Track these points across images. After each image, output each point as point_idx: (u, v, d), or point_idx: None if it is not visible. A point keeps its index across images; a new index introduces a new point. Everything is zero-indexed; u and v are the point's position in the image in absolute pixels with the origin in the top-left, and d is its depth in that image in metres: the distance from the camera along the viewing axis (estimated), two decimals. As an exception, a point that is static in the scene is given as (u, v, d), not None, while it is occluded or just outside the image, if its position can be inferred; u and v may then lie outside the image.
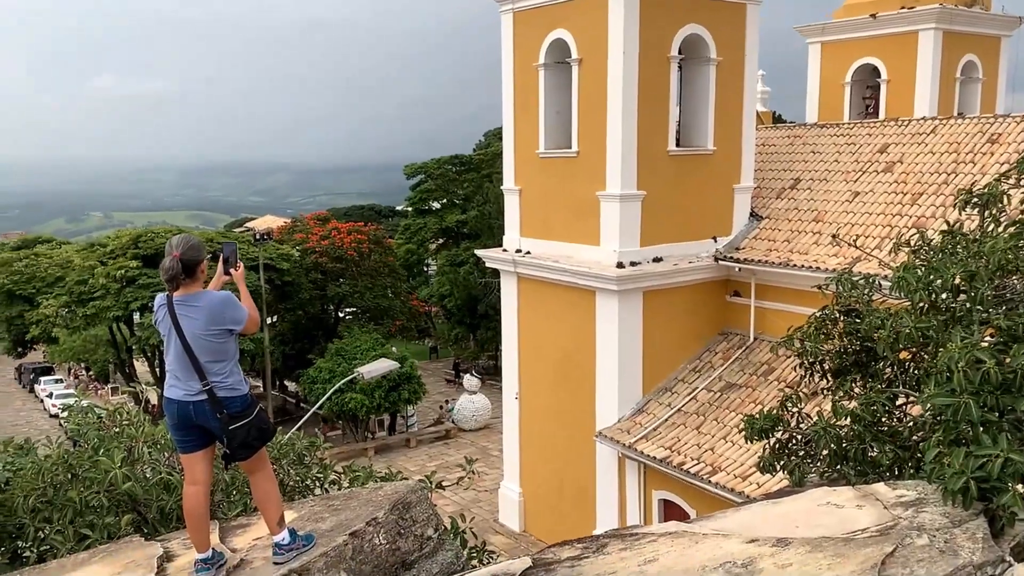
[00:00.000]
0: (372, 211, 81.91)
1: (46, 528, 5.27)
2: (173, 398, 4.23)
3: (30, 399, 54.64)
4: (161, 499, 5.41)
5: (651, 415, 19.13)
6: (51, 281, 35.77)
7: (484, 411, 35.13)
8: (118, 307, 34.46)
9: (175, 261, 4.15)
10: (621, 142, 18.64)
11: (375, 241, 40.77)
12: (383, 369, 17.86)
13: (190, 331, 4.16)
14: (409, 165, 50.25)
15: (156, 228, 37.55)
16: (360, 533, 4.56)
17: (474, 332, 46.47)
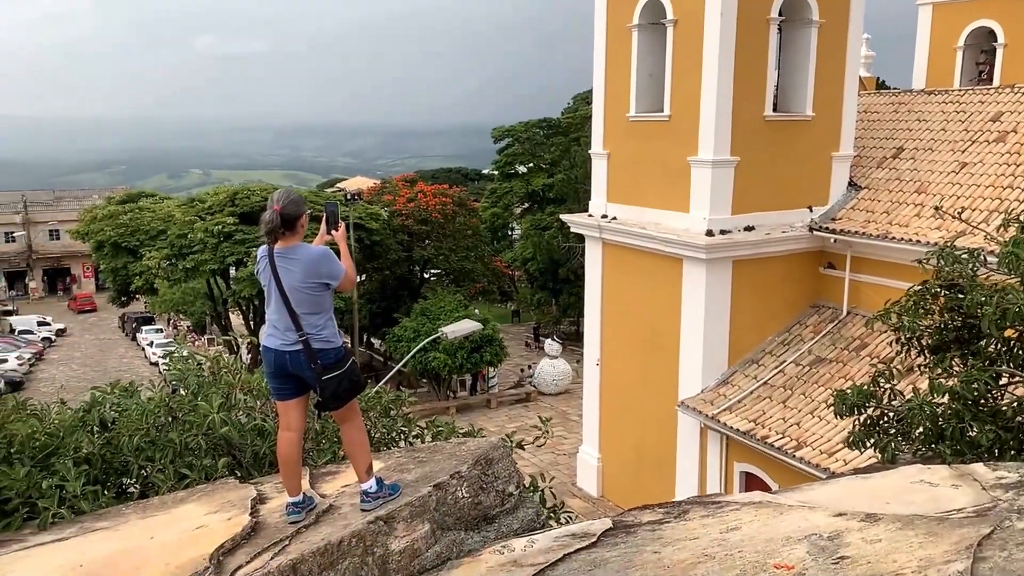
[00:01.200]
0: (458, 174, 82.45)
1: (148, 466, 5.55)
2: (270, 347, 4.37)
3: (132, 347, 57.57)
4: (255, 444, 5.63)
5: (736, 387, 18.83)
6: (154, 234, 37.32)
7: (564, 376, 35.24)
8: (214, 261, 35.77)
9: (275, 214, 4.27)
10: (715, 106, 18.17)
11: (460, 204, 41.03)
12: (466, 330, 18.07)
13: (288, 283, 4.28)
14: (497, 128, 50.21)
15: (252, 186, 38.65)
16: (444, 485, 4.66)
17: (556, 297, 46.49)
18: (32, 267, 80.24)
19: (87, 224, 41.30)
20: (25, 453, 5.33)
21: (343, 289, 4.47)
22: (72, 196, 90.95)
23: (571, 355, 38.46)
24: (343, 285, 4.43)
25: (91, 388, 6.39)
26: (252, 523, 4.39)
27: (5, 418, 5.58)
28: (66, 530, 4.88)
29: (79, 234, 43.20)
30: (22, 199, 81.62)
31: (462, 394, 36.49)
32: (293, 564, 3.95)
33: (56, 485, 5.14)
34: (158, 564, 4.07)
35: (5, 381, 42.90)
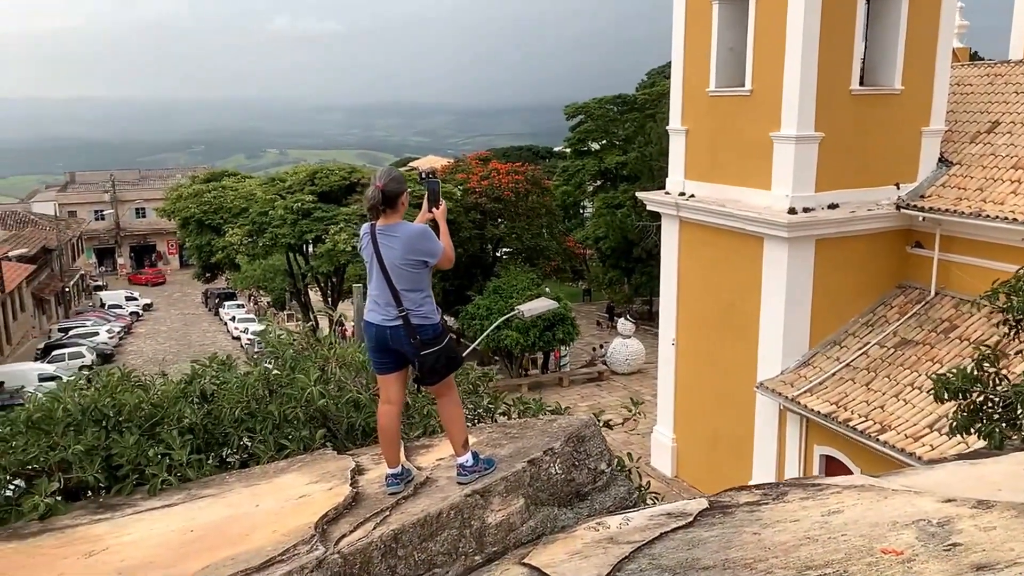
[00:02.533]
0: (530, 152, 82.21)
1: (249, 437, 5.74)
2: (372, 322, 4.46)
3: (215, 321, 59.50)
4: (351, 416, 5.76)
5: (817, 368, 18.42)
6: (236, 212, 38.38)
7: (638, 355, 35.03)
8: (292, 236, 36.61)
9: (377, 191, 4.35)
10: (799, 80, 17.66)
11: (532, 182, 40.95)
12: (542, 308, 18.10)
13: (389, 259, 4.36)
14: (569, 105, 49.83)
15: (330, 165, 39.35)
16: (538, 461, 4.69)
17: (628, 276, 46.10)
18: (120, 244, 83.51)
19: (173, 202, 42.71)
20: (133, 422, 5.57)
21: (441, 266, 4.53)
22: (156, 175, 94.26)
23: (644, 335, 38.18)
24: (441, 263, 4.49)
25: (191, 361, 6.63)
26: (353, 493, 4.50)
27: (114, 388, 5.84)
28: (174, 496, 5.09)
29: (165, 212, 44.72)
30: (110, 178, 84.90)
31: (533, 372, 36.63)
32: (395, 534, 4.04)
33: (162, 453, 5.36)
34: (266, 531, 4.21)
35: (97, 353, 44.87)
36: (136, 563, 4.12)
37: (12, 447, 5.23)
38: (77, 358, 42.64)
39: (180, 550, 4.19)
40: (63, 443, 5.20)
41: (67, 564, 4.27)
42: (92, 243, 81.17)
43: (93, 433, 5.30)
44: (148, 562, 4.11)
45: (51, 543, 4.65)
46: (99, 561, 4.25)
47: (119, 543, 4.44)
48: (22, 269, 50.64)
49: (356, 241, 35.61)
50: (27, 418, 5.37)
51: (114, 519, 4.86)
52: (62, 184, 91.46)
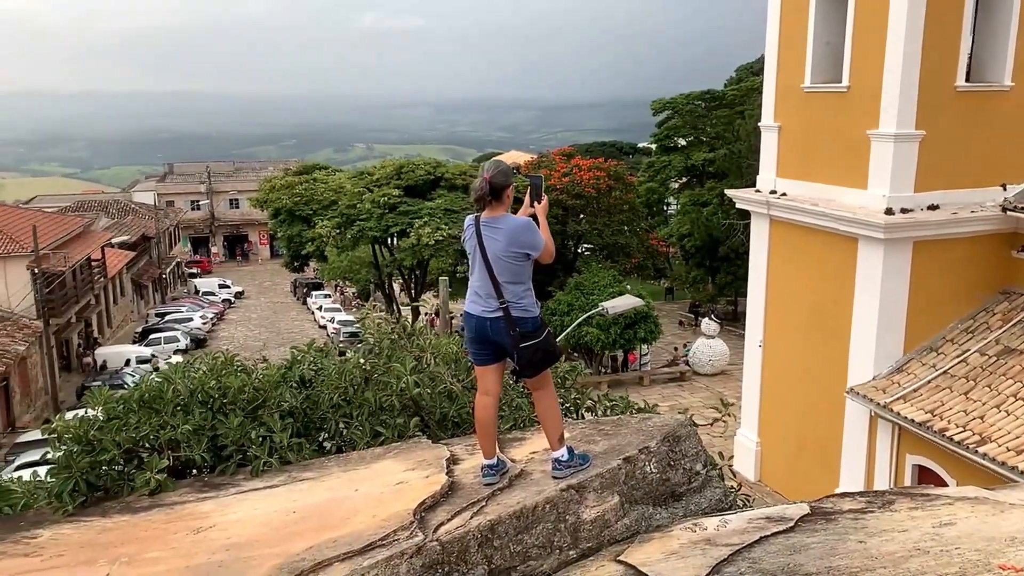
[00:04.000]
0: (613, 148, 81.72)
1: (345, 423, 5.88)
2: (472, 313, 4.51)
3: (303, 310, 61.12)
4: (443, 407, 5.84)
5: (911, 375, 17.74)
6: (326, 204, 39.40)
7: (721, 356, 34.43)
8: (378, 229, 37.36)
9: (484, 183, 4.39)
10: (900, 76, 17.01)
11: (615, 177, 40.64)
12: (627, 305, 17.96)
13: (492, 251, 4.40)
14: (656, 101, 49.28)
15: (416, 160, 39.96)
16: (633, 459, 4.66)
17: (713, 275, 45.37)
18: (214, 233, 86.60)
19: (266, 193, 44.08)
20: (237, 404, 5.76)
21: (543, 260, 4.55)
22: (249, 167, 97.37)
23: (728, 335, 37.50)
24: (543, 256, 4.50)
25: (291, 347, 6.83)
26: (449, 482, 4.56)
27: (219, 371, 6.06)
28: (276, 478, 5.26)
29: (258, 202, 46.21)
30: (206, 170, 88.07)
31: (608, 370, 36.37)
32: (491, 525, 4.08)
33: (264, 436, 5.54)
34: (365, 515, 4.31)
35: (191, 338, 46.67)
36: (242, 541, 4.28)
37: (125, 424, 5.48)
38: (172, 342, 44.46)
39: (284, 530, 4.32)
40: (172, 422, 5.43)
41: (177, 539, 4.46)
42: (188, 232, 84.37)
43: (200, 414, 5.51)
44: (254, 540, 4.26)
45: (161, 518, 4.86)
46: (207, 537, 4.42)
47: (225, 521, 4.61)
48: (123, 256, 53.07)
49: (439, 235, 36.34)
50: (140, 397, 5.61)
51: (219, 498, 5.05)
52: (161, 175, 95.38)
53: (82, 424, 5.36)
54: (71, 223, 43.55)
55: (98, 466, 5.23)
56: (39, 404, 35.07)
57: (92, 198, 73.82)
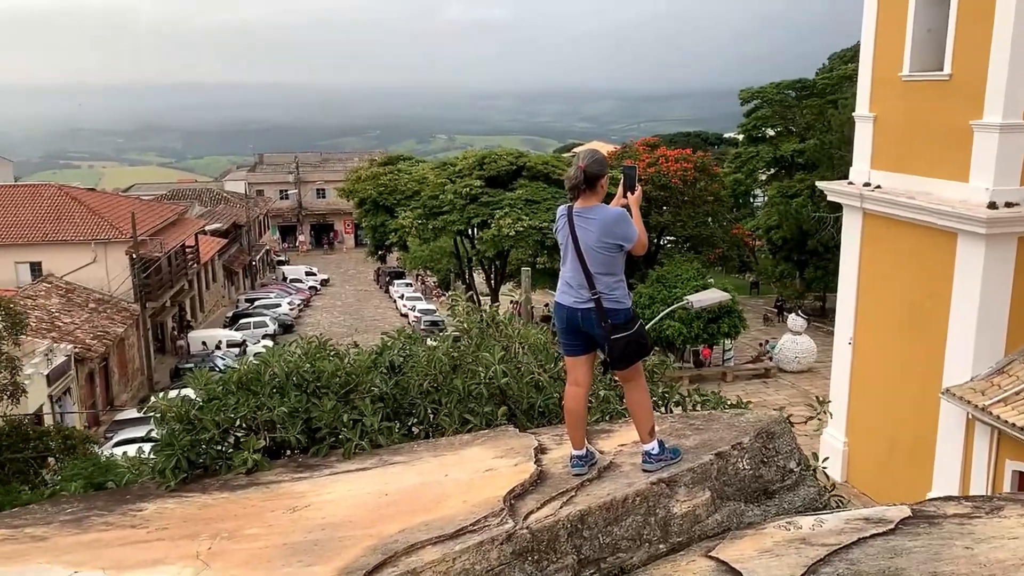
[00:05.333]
0: (698, 138, 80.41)
1: (434, 409, 5.95)
2: (563, 304, 4.50)
3: (385, 299, 62.20)
4: (531, 396, 5.86)
5: (1013, 377, 16.92)
6: (409, 195, 39.97)
7: (808, 353, 33.54)
8: (461, 222, 37.71)
9: (579, 171, 4.37)
10: (1008, 64, 16.16)
11: (701, 169, 39.95)
12: (712, 300, 17.64)
13: (584, 242, 4.37)
14: (745, 90, 48.18)
15: (499, 151, 40.10)
16: (725, 455, 4.59)
17: (801, 270, 44.16)
18: (301, 222, 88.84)
19: (352, 184, 44.95)
20: (330, 388, 5.90)
21: (635, 252, 4.49)
22: (336, 158, 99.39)
23: (815, 331, 36.50)
24: (636, 248, 4.45)
25: (381, 334, 6.95)
26: (538, 471, 4.57)
27: (314, 355, 6.21)
28: (367, 461, 5.37)
29: (345, 192, 47.16)
30: (295, 160, 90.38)
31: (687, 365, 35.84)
32: (581, 515, 4.08)
33: (355, 419, 5.66)
34: (456, 500, 4.36)
35: (279, 323, 48.06)
36: (336, 521, 4.38)
37: (224, 405, 5.68)
38: (261, 327, 45.88)
39: (377, 512, 4.41)
40: (269, 404, 5.59)
41: (274, 517, 4.60)
42: (277, 220, 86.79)
43: (295, 396, 5.67)
44: (348, 521, 4.36)
45: (258, 496, 5.02)
46: (302, 516, 4.55)
47: (320, 501, 4.74)
48: (215, 243, 54.98)
49: (520, 226, 36.43)
50: (238, 379, 5.81)
51: (313, 478, 5.19)
52: (252, 165, 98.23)
53: (183, 404, 5.57)
54: (167, 211, 45.36)
55: (198, 444, 5.44)
56: (135, 384, 36.72)
57: (186, 187, 76.70)
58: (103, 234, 37.25)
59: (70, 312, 33.41)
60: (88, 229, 37.53)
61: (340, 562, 3.84)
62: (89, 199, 41.06)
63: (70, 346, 29.26)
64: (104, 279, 36.69)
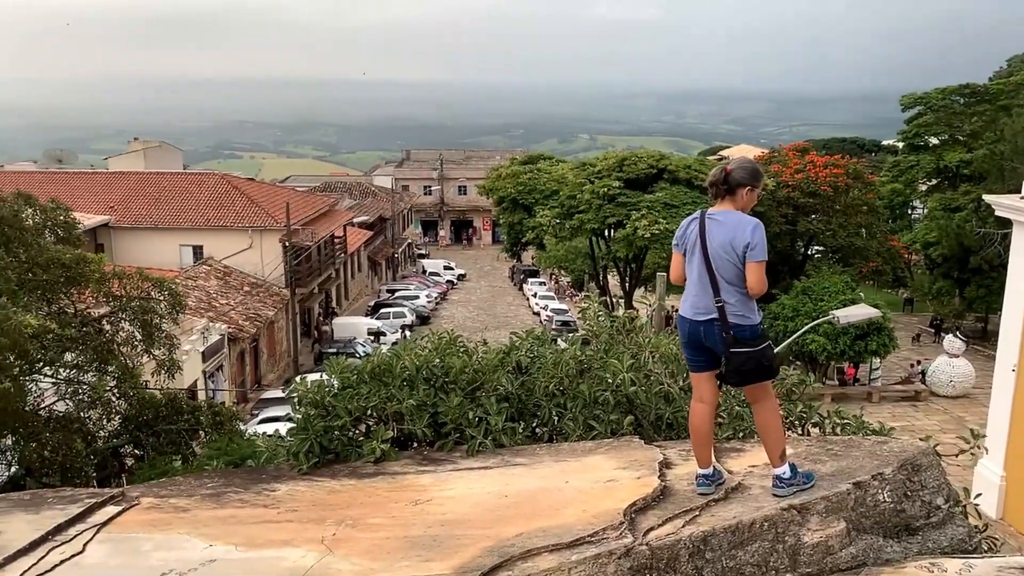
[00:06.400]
0: (854, 144, 76.65)
1: (559, 413, 5.90)
2: (686, 317, 4.35)
3: (519, 296, 62.81)
4: (659, 408, 5.70)
5: None
6: (548, 194, 40.18)
7: (965, 377, 31.24)
8: (596, 221, 37.52)
9: (722, 172, 4.25)
10: None
11: (854, 176, 37.93)
12: (861, 316, 16.71)
13: (715, 245, 4.21)
14: (906, 95, 45.45)
15: (639, 152, 39.64)
16: (864, 485, 4.30)
17: (961, 288, 41.23)
18: (442, 217, 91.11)
19: (492, 181, 45.66)
20: (457, 384, 5.95)
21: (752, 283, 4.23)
22: (478, 156, 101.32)
23: (974, 355, 34.00)
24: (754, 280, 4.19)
25: (510, 333, 6.97)
26: (661, 486, 4.44)
27: (444, 350, 6.29)
28: (490, 460, 5.38)
29: (485, 190, 47.98)
30: (439, 157, 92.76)
31: (831, 382, 34.15)
32: (704, 536, 3.92)
33: (480, 417, 5.69)
34: (575, 509, 4.30)
35: (416, 315, 49.46)
36: (456, 518, 4.41)
37: (357, 393, 5.85)
38: (400, 317, 47.35)
39: (496, 513, 4.41)
40: (399, 396, 5.71)
41: (398, 508, 4.68)
42: (419, 215, 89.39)
43: (423, 390, 5.76)
44: (467, 519, 4.38)
45: (384, 486, 5.13)
46: (424, 510, 4.61)
47: (442, 496, 4.79)
48: (362, 234, 57.19)
49: (656, 228, 35.82)
50: (371, 370, 5.96)
51: (437, 473, 5.26)
52: (399, 160, 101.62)
53: (319, 390, 5.77)
54: (319, 202, 47.56)
55: (331, 431, 5.62)
56: (282, 365, 38.71)
57: (338, 180, 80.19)
58: (260, 222, 39.45)
59: (226, 294, 35.60)
60: (247, 216, 39.86)
61: (457, 560, 3.85)
62: (249, 188, 43.60)
63: (224, 326, 31.18)
64: (258, 264, 38.86)
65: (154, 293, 11.83)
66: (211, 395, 26.40)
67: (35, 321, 8.45)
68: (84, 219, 25.06)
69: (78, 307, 11.45)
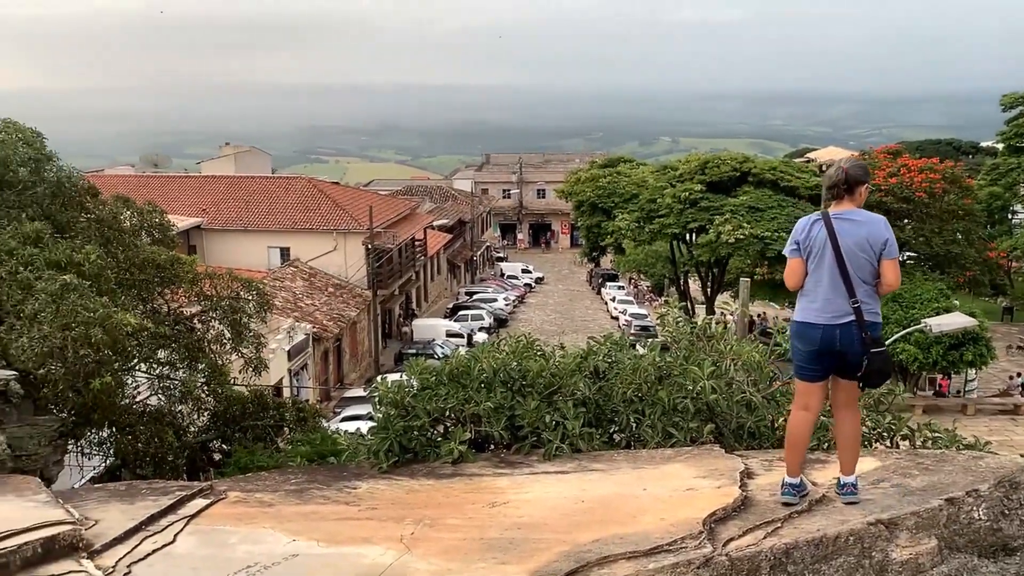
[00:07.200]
0: (949, 146, 73.61)
1: (636, 419, 5.84)
2: (817, 323, 4.22)
3: (596, 300, 62.45)
4: (741, 416, 5.59)
5: None
6: (627, 197, 39.80)
7: (1068, 391, 29.65)
8: (677, 225, 36.99)
9: (841, 171, 4.19)
10: None
11: (951, 180, 36.39)
12: (956, 325, 16.00)
13: (848, 245, 4.15)
14: (1008, 95, 43.39)
15: (723, 155, 38.90)
16: (958, 502, 4.14)
17: (1065, 297, 39.13)
18: (520, 221, 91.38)
19: (571, 185, 45.51)
20: (535, 388, 5.96)
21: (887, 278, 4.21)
22: (557, 159, 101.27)
23: (1078, 368, 32.21)
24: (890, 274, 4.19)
25: (588, 337, 6.94)
26: (742, 496, 4.36)
27: (521, 354, 6.31)
28: (566, 464, 5.37)
29: (563, 193, 47.86)
30: (518, 161, 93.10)
31: (923, 393, 32.82)
32: (786, 548, 3.83)
33: (557, 421, 5.69)
34: (652, 516, 4.25)
35: (494, 317, 49.72)
36: (532, 522, 4.41)
37: (435, 395, 5.92)
38: (477, 320, 47.68)
39: (572, 518, 4.40)
40: (476, 398, 5.75)
41: (474, 510, 4.72)
42: (498, 218, 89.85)
43: (501, 393, 5.79)
44: (543, 523, 4.38)
45: (460, 487, 5.17)
46: (500, 513, 4.63)
47: (518, 499, 4.80)
48: (441, 237, 57.86)
49: (740, 233, 35.06)
50: (449, 371, 6.02)
51: (514, 476, 5.27)
52: (479, 164, 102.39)
53: (399, 391, 5.86)
54: (401, 205, 48.34)
55: (410, 431, 5.70)
56: (363, 365, 39.47)
57: (419, 183, 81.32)
58: (344, 224, 40.33)
59: (311, 295, 36.53)
60: (331, 219, 40.80)
61: (533, 564, 3.86)
62: (334, 192, 44.62)
63: (309, 326, 31.99)
64: (342, 266, 39.74)
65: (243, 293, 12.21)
66: (296, 393, 27.12)
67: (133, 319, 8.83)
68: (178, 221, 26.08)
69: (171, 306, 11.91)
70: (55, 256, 9.06)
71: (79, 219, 10.90)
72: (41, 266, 8.82)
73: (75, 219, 10.84)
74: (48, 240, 9.42)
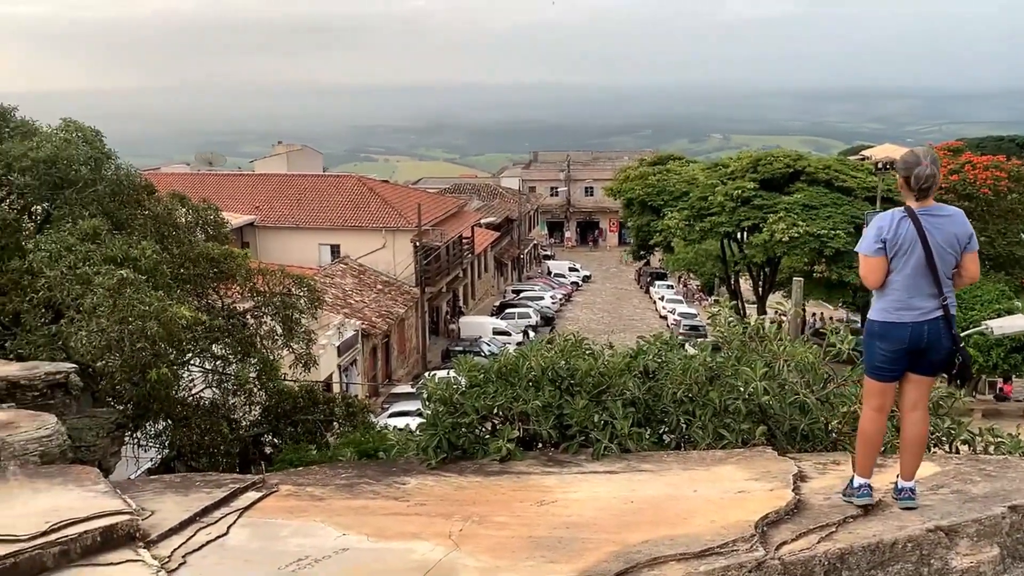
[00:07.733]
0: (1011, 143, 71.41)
1: (687, 420, 5.77)
2: (905, 322, 4.13)
3: (645, 299, 62.05)
4: (794, 418, 5.49)
5: None
6: (677, 195, 39.45)
7: None
8: (729, 224, 36.56)
9: (936, 169, 4.12)
10: None
11: (1016, 179, 35.31)
12: (1017, 327, 15.54)
13: (938, 243, 4.09)
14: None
15: (774, 152, 38.36)
16: (1021, 509, 4.00)
17: None
18: (568, 219, 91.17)
19: (620, 183, 45.25)
20: (583, 387, 5.93)
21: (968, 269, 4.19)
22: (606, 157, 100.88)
23: None
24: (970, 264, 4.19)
25: (637, 336, 6.88)
26: (795, 500, 4.28)
27: (569, 352, 6.28)
28: (615, 464, 5.33)
29: (612, 191, 47.62)
30: (566, 159, 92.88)
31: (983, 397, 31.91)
32: (841, 553, 3.75)
33: (606, 421, 5.65)
34: (703, 518, 4.19)
35: (541, 316, 49.70)
36: (581, 522, 4.39)
37: (484, 392, 5.92)
38: (524, 318, 47.74)
39: (621, 518, 4.36)
40: (524, 396, 5.74)
41: (522, 508, 4.71)
42: (545, 216, 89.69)
43: (549, 391, 5.77)
44: (591, 523, 4.35)
45: (508, 485, 5.17)
46: (549, 511, 4.61)
47: (566, 498, 4.78)
48: (489, 235, 58.01)
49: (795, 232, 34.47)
50: (498, 369, 6.02)
51: (562, 475, 5.25)
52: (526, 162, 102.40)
53: (448, 388, 5.88)
54: (449, 203, 48.58)
55: (459, 428, 5.72)
56: (411, 361, 39.79)
57: (466, 182, 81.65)
58: (393, 222, 40.69)
59: (361, 291, 36.93)
60: (381, 217, 41.20)
61: (581, 563, 3.83)
62: (383, 190, 45.05)
63: (359, 322, 32.35)
64: (391, 263, 40.09)
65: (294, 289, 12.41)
66: (345, 388, 27.45)
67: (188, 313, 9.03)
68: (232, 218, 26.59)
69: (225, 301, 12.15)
70: (112, 251, 9.30)
71: (136, 216, 11.19)
72: (98, 261, 9.06)
73: (132, 216, 11.13)
74: (105, 236, 9.68)
